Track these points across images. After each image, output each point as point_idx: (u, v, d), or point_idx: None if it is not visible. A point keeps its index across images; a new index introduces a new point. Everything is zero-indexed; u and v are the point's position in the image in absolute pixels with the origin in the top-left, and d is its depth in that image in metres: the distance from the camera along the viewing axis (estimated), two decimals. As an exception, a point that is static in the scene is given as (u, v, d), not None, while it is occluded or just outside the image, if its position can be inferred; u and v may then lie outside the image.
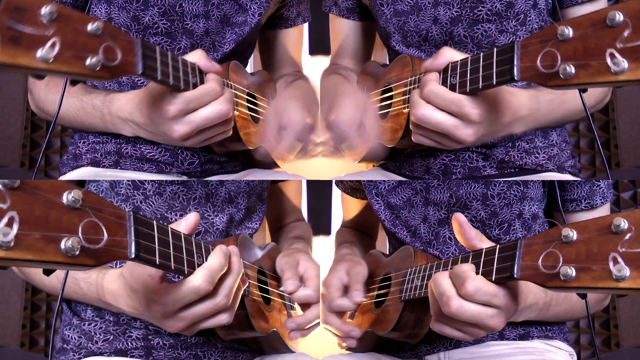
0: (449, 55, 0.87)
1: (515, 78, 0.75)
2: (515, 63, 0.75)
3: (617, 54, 0.65)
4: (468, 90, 0.84)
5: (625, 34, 0.65)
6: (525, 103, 0.96)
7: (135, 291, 0.80)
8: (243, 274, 0.82)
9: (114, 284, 0.87)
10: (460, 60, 0.86)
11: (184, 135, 0.89)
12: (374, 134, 0.97)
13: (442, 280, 0.77)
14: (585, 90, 0.73)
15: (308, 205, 1.66)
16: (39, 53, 0.61)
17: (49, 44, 0.62)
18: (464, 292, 0.74)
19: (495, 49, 0.79)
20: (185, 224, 0.78)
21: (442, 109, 0.86)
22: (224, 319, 0.79)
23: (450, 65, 0.87)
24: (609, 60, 0.65)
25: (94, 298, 0.92)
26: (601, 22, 0.66)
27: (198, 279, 0.74)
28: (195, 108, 0.88)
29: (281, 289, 1.03)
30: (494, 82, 0.79)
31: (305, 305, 1.03)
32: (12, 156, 1.87)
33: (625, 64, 0.64)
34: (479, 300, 0.74)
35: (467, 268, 0.75)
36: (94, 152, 1.07)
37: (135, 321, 0.96)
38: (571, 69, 0.68)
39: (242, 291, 0.83)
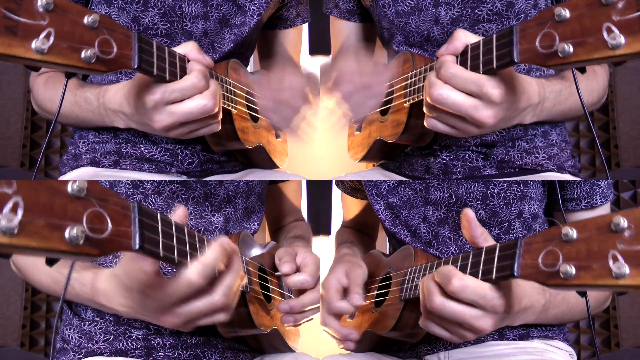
0: (465, 37, 0.85)
1: (515, 60, 0.75)
2: (514, 46, 0.75)
3: (614, 28, 0.65)
4: None
5: (619, 6, 0.65)
6: (536, 90, 0.95)
7: (130, 289, 0.79)
8: (244, 272, 0.81)
9: (106, 283, 0.86)
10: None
11: (165, 126, 0.87)
12: (378, 84, 0.94)
13: (429, 280, 0.78)
14: (583, 71, 0.73)
15: (308, 205, 1.66)
16: (34, 44, 0.61)
17: (43, 34, 0.62)
18: (450, 288, 0.74)
19: (494, 34, 0.79)
20: (174, 218, 0.76)
21: (460, 89, 0.82)
22: (221, 317, 0.78)
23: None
24: (605, 36, 0.66)
25: (86, 299, 0.91)
26: (596, 1, 0.67)
27: (192, 273, 0.72)
28: (177, 99, 0.86)
29: (277, 273, 1.03)
30: (494, 66, 0.79)
31: (301, 293, 1.03)
32: (12, 156, 1.87)
33: (622, 38, 0.65)
34: (466, 299, 0.74)
35: (451, 267, 0.76)
36: (94, 152, 1.07)
37: (136, 321, 0.96)
38: (569, 47, 0.69)
39: (239, 290, 0.82)
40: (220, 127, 0.93)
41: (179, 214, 0.78)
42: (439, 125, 0.88)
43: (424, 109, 0.88)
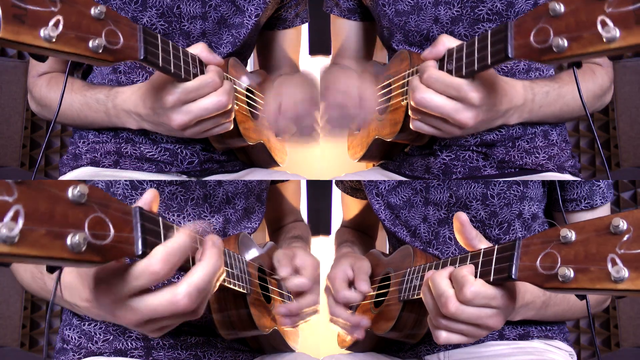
0: (447, 42, 0.88)
1: (510, 56, 0.76)
2: (509, 41, 0.75)
3: (608, 21, 0.65)
4: (464, 74, 0.84)
5: None
6: (520, 92, 0.97)
7: (87, 276, 0.71)
8: (223, 271, 0.70)
9: (69, 275, 0.77)
10: (456, 46, 0.86)
11: (182, 125, 0.89)
12: (373, 102, 0.95)
13: (441, 280, 0.77)
14: (579, 66, 0.74)
15: (308, 205, 1.66)
16: (43, 32, 0.61)
17: (52, 21, 0.62)
18: (462, 297, 0.73)
19: (489, 31, 0.80)
20: (143, 200, 0.68)
21: (441, 93, 0.86)
22: (188, 318, 0.67)
23: (446, 52, 0.88)
24: (600, 29, 0.66)
25: (58, 297, 0.82)
26: None
27: (153, 259, 0.61)
28: (194, 98, 0.88)
29: (275, 276, 1.03)
30: (489, 62, 0.80)
31: (299, 295, 1.03)
32: (12, 156, 1.87)
33: (616, 31, 0.64)
34: (478, 304, 0.74)
35: (466, 272, 0.75)
36: (94, 152, 1.07)
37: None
38: (564, 41, 0.69)
39: (212, 290, 0.68)
40: (232, 126, 0.95)
41: (145, 198, 0.68)
42: (424, 127, 0.92)
43: (409, 112, 0.92)
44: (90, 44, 0.67)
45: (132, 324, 0.65)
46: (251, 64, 1.45)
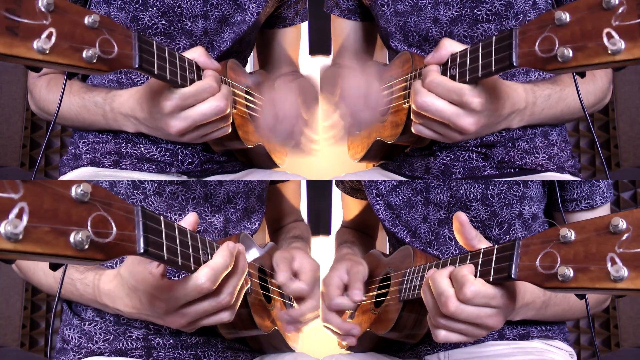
0: (450, 47, 0.88)
1: (514, 64, 0.76)
2: (513, 49, 0.75)
3: (614, 33, 0.65)
4: (468, 80, 0.84)
5: (620, 11, 0.65)
6: (522, 96, 0.97)
7: (136, 289, 0.80)
8: (246, 274, 0.82)
9: (110, 284, 0.87)
10: (460, 51, 0.86)
11: (180, 131, 0.90)
12: (378, 99, 0.96)
13: (441, 280, 0.77)
14: (583, 75, 0.74)
15: (308, 205, 1.66)
16: (36, 44, 0.61)
17: (45, 34, 0.62)
18: (462, 297, 0.74)
19: (494, 37, 0.80)
20: (184, 224, 0.78)
21: (443, 98, 0.86)
22: (225, 316, 0.79)
23: (450, 56, 0.88)
24: (606, 41, 0.66)
25: (90, 299, 0.92)
26: (597, 4, 0.67)
27: (202, 278, 0.73)
28: (192, 104, 0.88)
29: (274, 281, 1.03)
30: (493, 69, 0.80)
31: (300, 300, 1.03)
32: (12, 156, 1.87)
33: (622, 43, 0.65)
34: (478, 303, 0.74)
35: (466, 272, 0.75)
36: (94, 152, 1.07)
37: (136, 321, 0.96)
38: (569, 51, 0.69)
39: (244, 290, 0.83)
40: (230, 130, 0.96)
41: (189, 220, 0.79)
42: (425, 131, 0.92)
43: (411, 115, 0.92)
44: (84, 54, 0.67)
45: (178, 325, 0.79)
46: (251, 63, 1.45)
